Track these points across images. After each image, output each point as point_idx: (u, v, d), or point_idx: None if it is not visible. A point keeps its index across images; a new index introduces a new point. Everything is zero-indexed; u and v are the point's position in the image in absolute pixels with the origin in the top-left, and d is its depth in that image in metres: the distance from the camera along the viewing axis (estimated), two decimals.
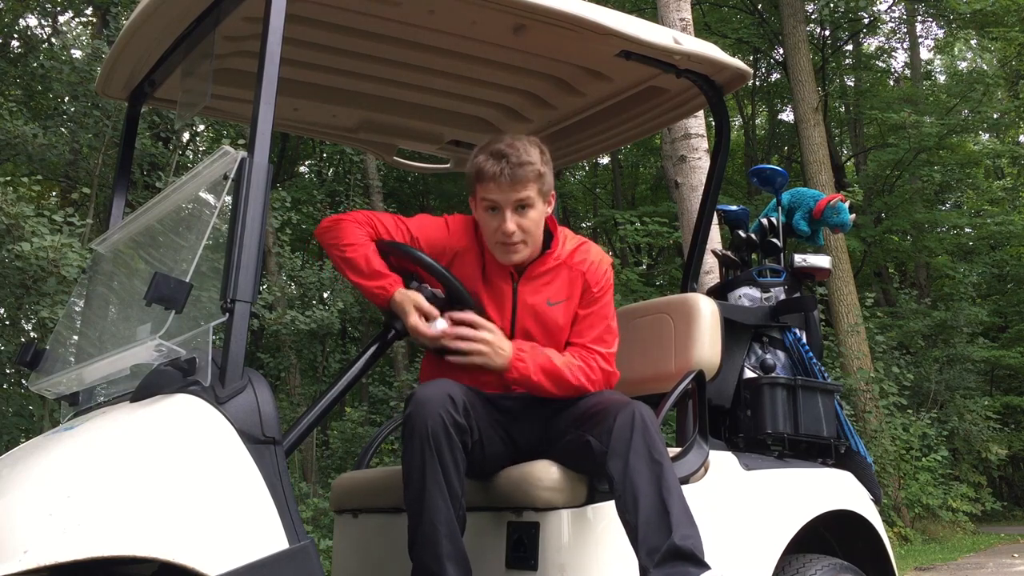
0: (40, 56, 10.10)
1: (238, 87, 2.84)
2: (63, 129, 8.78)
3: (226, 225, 1.97)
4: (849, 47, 20.25)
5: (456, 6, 2.47)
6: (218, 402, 1.85)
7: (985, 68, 21.46)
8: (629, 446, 2.17)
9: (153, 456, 1.74)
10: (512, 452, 2.43)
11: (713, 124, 4.22)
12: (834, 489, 2.97)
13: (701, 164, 6.30)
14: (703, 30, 16.24)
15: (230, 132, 10.52)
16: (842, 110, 21.19)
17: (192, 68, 2.47)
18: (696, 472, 2.57)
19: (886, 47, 22.08)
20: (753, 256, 3.51)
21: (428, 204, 17.56)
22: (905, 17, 20.48)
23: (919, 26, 21.35)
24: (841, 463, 3.10)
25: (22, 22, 12.73)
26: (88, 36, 11.77)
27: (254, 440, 1.84)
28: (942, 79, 24.50)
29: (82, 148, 9.19)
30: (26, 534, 1.56)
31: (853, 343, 12.57)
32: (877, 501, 3.09)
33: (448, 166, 3.67)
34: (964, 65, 25.44)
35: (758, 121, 22.17)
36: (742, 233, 3.49)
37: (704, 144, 6.44)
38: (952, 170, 18.01)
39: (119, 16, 9.01)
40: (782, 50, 16.36)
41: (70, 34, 11.90)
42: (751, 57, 18.79)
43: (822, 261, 3.33)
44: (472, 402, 2.30)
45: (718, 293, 3.33)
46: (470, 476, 2.36)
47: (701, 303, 2.92)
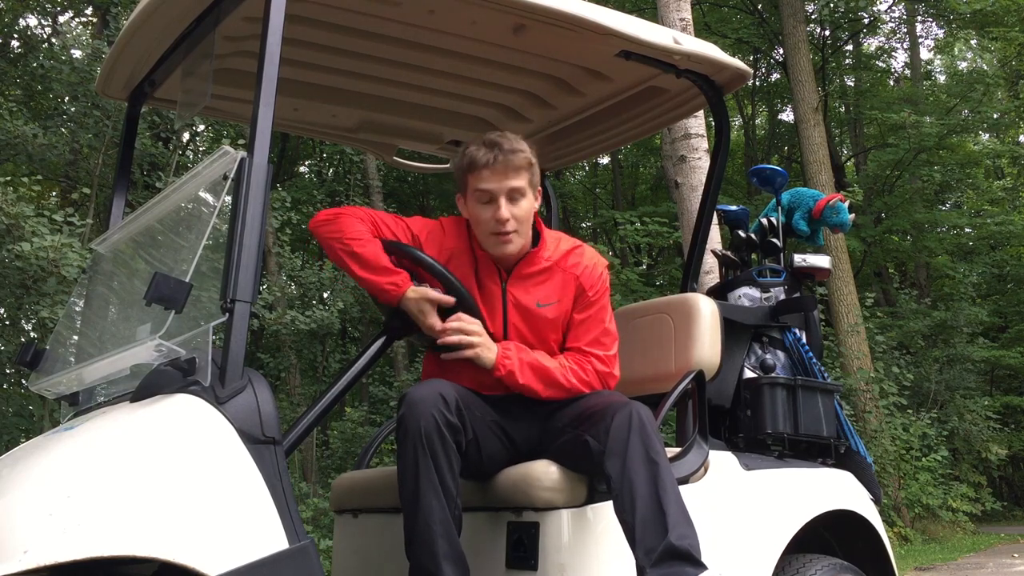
0: (40, 56, 10.10)
1: (238, 87, 2.84)
2: (63, 129, 8.78)
3: (226, 225, 1.97)
4: (849, 47, 20.24)
5: (456, 6, 2.47)
6: (218, 402, 1.85)
7: (985, 68, 21.46)
8: (627, 446, 2.18)
9: (153, 456, 1.74)
10: (511, 452, 2.43)
11: (713, 124, 4.22)
12: (834, 489, 2.97)
13: (701, 164, 6.29)
14: (703, 30, 16.24)
15: (230, 132, 10.52)
16: (842, 110, 21.18)
17: (192, 68, 2.47)
18: (696, 472, 2.57)
19: (886, 47, 22.09)
20: (753, 256, 3.51)
21: (428, 204, 17.56)
22: (905, 17, 20.47)
23: (919, 26, 21.36)
24: (841, 463, 3.10)
25: (22, 22, 12.73)
26: (88, 36, 11.75)
27: (254, 440, 1.84)
28: (942, 79, 24.50)
29: (82, 148, 9.19)
30: (26, 534, 1.56)
31: (853, 343, 12.57)
32: (877, 501, 3.09)
33: (448, 166, 3.67)
34: (964, 65, 25.44)
35: (758, 121, 22.16)
36: (742, 233, 3.49)
37: (704, 144, 6.43)
38: (952, 170, 18.01)
39: (119, 16, 9.00)
40: (782, 50, 16.36)
41: (70, 34, 11.88)
42: (751, 57, 18.79)
43: (822, 261, 3.33)
44: (467, 402, 2.30)
45: (718, 293, 3.33)
46: (469, 476, 2.37)
47: (701, 303, 2.92)
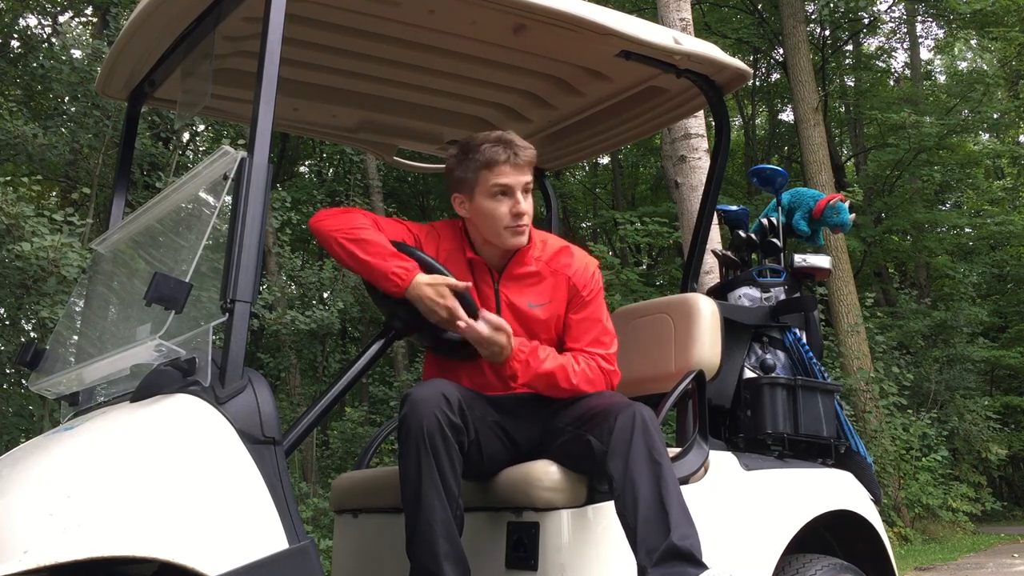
0: (40, 56, 10.09)
1: (238, 87, 2.84)
2: (63, 129, 8.77)
3: (226, 225, 1.97)
4: (849, 47, 20.24)
5: (456, 6, 2.47)
6: (218, 402, 1.85)
7: (985, 68, 21.46)
8: (629, 446, 2.18)
9: (153, 456, 1.74)
10: (512, 452, 2.43)
11: (713, 124, 4.22)
12: (834, 489, 2.97)
13: (701, 164, 6.29)
14: (703, 30, 16.24)
15: (230, 132, 10.52)
16: (842, 110, 21.18)
17: (192, 68, 2.47)
18: (696, 472, 2.57)
19: (886, 47, 22.07)
20: (753, 256, 3.51)
21: (428, 204, 17.56)
22: (905, 17, 20.46)
23: (919, 26, 21.34)
24: (841, 463, 3.10)
25: (22, 22, 12.72)
26: (88, 36, 11.75)
27: (254, 440, 1.84)
28: (942, 79, 24.49)
29: (82, 148, 9.19)
30: (26, 534, 1.56)
31: (853, 343, 12.57)
32: (877, 501, 3.09)
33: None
34: (964, 65, 25.44)
35: (758, 121, 22.16)
36: (742, 233, 3.49)
37: (704, 144, 6.43)
38: (952, 170, 18.00)
39: (119, 16, 9.00)
40: (782, 50, 16.35)
41: (70, 34, 11.87)
42: (751, 57, 18.79)
43: (822, 261, 3.33)
44: (469, 402, 2.30)
45: (718, 293, 3.33)
46: (470, 476, 2.36)
47: (701, 303, 2.92)
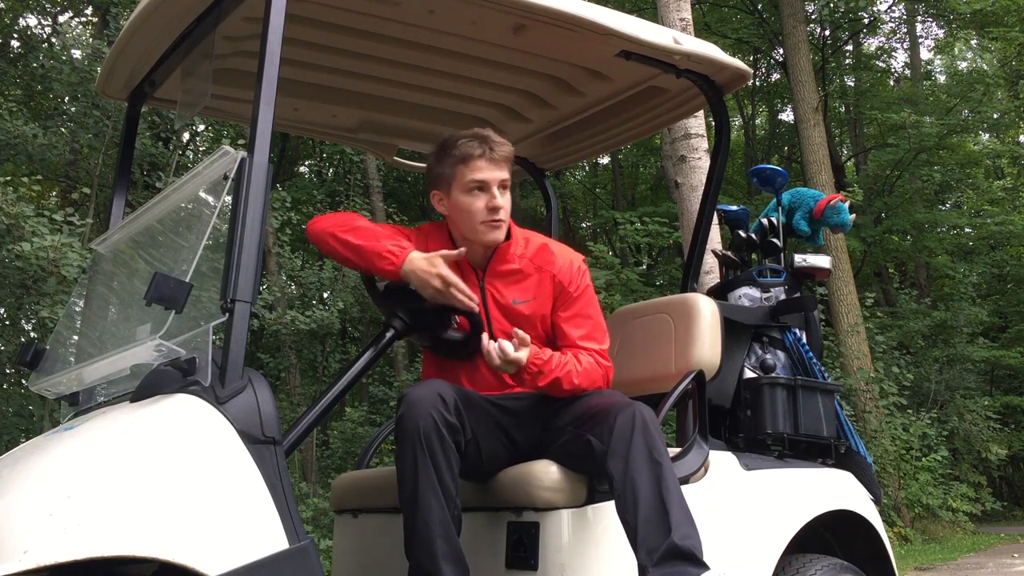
0: (40, 56, 10.10)
1: (238, 87, 2.84)
2: (63, 129, 8.78)
3: (226, 225, 1.97)
4: (849, 47, 20.24)
5: (456, 6, 2.47)
6: (218, 402, 1.84)
7: (985, 68, 21.46)
8: (630, 446, 2.18)
9: (153, 456, 1.74)
10: (511, 452, 2.43)
11: (713, 124, 4.22)
12: (834, 489, 2.97)
13: (701, 164, 6.29)
14: (703, 30, 16.24)
15: (230, 132, 10.52)
16: (842, 110, 21.18)
17: (192, 68, 2.47)
18: (696, 472, 2.57)
19: (886, 47, 22.08)
20: (753, 256, 3.51)
21: (428, 204, 17.54)
22: (905, 17, 20.47)
23: (919, 26, 21.35)
24: (841, 463, 3.10)
25: (22, 22, 12.72)
26: (88, 36, 11.75)
27: (254, 440, 1.84)
28: (942, 79, 24.49)
29: (82, 148, 9.19)
30: (26, 534, 1.56)
31: (853, 343, 12.57)
32: (877, 501, 3.09)
33: None
34: (964, 65, 25.44)
35: (758, 121, 22.16)
36: (742, 233, 3.49)
37: (704, 144, 6.43)
38: (952, 170, 18.00)
39: (119, 16, 9.00)
40: (782, 50, 16.35)
41: (70, 34, 11.87)
42: (751, 57, 18.79)
43: (822, 261, 3.33)
44: (466, 402, 2.30)
45: (718, 293, 3.33)
46: (469, 476, 2.37)
47: (701, 303, 2.92)
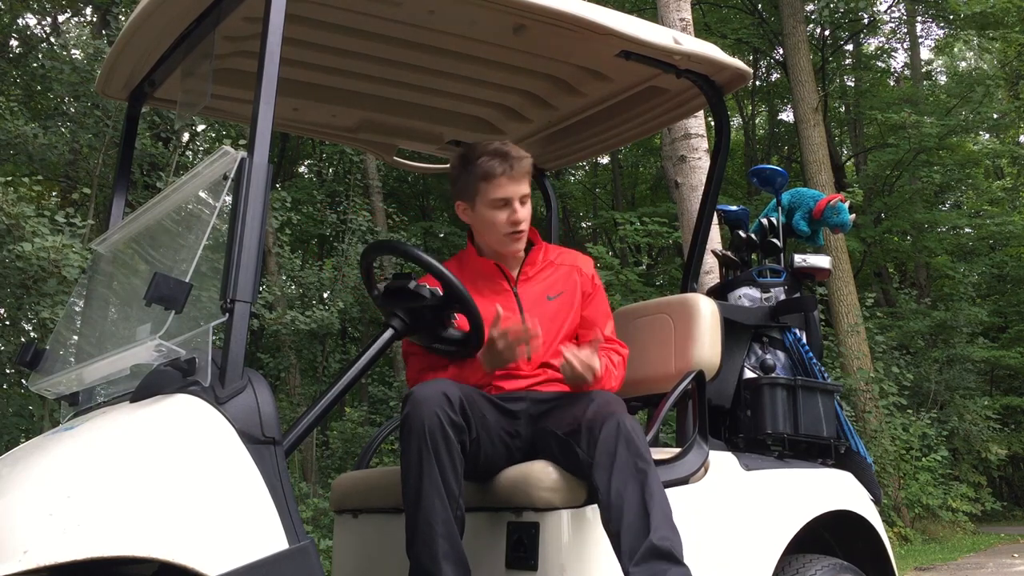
0: (40, 56, 10.10)
1: (238, 87, 2.84)
2: (63, 129, 8.78)
3: (226, 225, 1.97)
4: (849, 47, 20.25)
5: (456, 6, 2.47)
6: (218, 402, 1.84)
7: (985, 68, 21.45)
8: (614, 459, 2.19)
9: (153, 456, 1.74)
10: (511, 452, 2.43)
11: (713, 124, 4.22)
12: (834, 489, 2.97)
13: (701, 164, 6.29)
14: (703, 30, 16.24)
15: (230, 132, 10.51)
16: (842, 110, 21.19)
17: (192, 68, 2.47)
18: (696, 472, 2.57)
19: (886, 47, 22.08)
20: (753, 256, 3.51)
21: (428, 204, 17.57)
22: (905, 17, 20.47)
23: (919, 26, 21.35)
24: (841, 463, 3.10)
25: (21, 21, 12.72)
26: (88, 36, 11.75)
27: (254, 440, 1.84)
28: (942, 79, 24.49)
29: (82, 148, 9.19)
30: (26, 534, 1.56)
31: (853, 343, 12.57)
32: (877, 501, 3.09)
33: (448, 166, 3.67)
34: (964, 65, 25.43)
35: (758, 121, 22.17)
36: (742, 233, 3.49)
37: (704, 144, 6.43)
38: (952, 170, 18.00)
39: (119, 16, 9.01)
40: (782, 50, 16.36)
41: (70, 34, 11.88)
42: (751, 57, 18.79)
43: (822, 261, 3.33)
44: (470, 401, 2.30)
45: (718, 293, 3.32)
46: (470, 476, 2.36)
47: (701, 303, 2.92)
